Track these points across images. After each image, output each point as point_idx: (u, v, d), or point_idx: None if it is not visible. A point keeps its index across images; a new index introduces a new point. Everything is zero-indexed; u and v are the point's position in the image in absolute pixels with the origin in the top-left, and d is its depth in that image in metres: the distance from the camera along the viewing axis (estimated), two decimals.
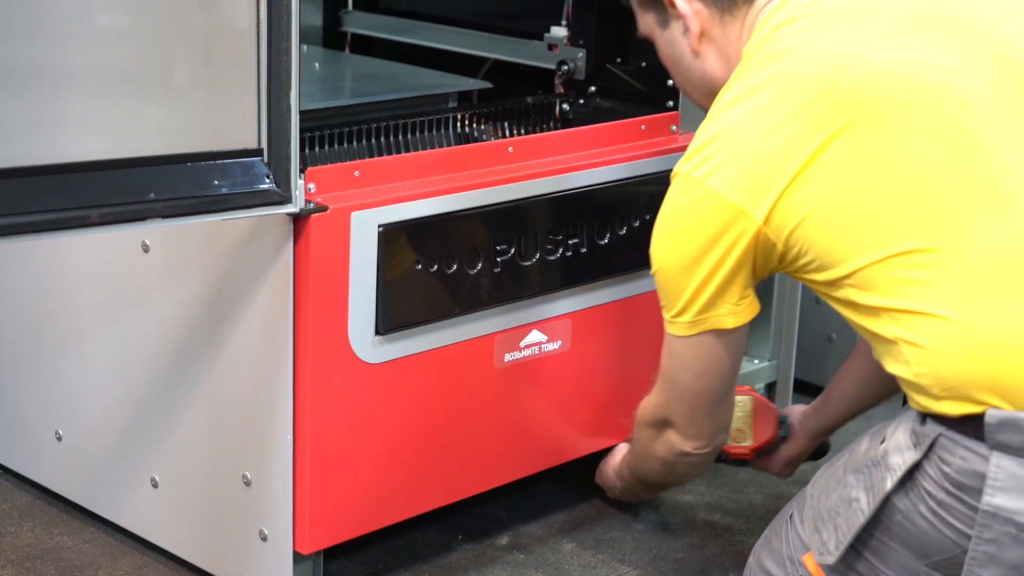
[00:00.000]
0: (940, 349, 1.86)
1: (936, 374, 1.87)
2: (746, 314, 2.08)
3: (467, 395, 2.42)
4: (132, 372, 2.43)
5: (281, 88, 2.00)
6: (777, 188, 1.94)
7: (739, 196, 1.97)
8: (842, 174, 1.92)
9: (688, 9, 2.14)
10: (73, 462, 2.59)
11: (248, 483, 2.30)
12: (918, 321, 1.88)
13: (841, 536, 1.97)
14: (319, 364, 2.20)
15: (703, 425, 2.23)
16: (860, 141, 1.92)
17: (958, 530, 1.88)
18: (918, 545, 1.92)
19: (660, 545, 2.59)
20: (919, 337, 1.88)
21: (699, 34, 2.15)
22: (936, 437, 1.88)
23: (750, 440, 2.48)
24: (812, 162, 1.93)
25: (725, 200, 1.98)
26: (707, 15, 2.14)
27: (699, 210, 2.01)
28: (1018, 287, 1.86)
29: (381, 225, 2.22)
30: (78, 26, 1.92)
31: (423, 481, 2.41)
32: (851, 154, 1.92)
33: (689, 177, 2.02)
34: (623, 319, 2.61)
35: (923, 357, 1.88)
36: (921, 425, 1.91)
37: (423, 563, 2.52)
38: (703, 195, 2.00)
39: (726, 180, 1.98)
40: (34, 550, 2.52)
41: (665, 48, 2.23)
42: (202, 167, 1.99)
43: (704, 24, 2.14)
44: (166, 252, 2.34)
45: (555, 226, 2.45)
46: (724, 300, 2.05)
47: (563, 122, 2.78)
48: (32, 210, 1.86)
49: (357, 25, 3.31)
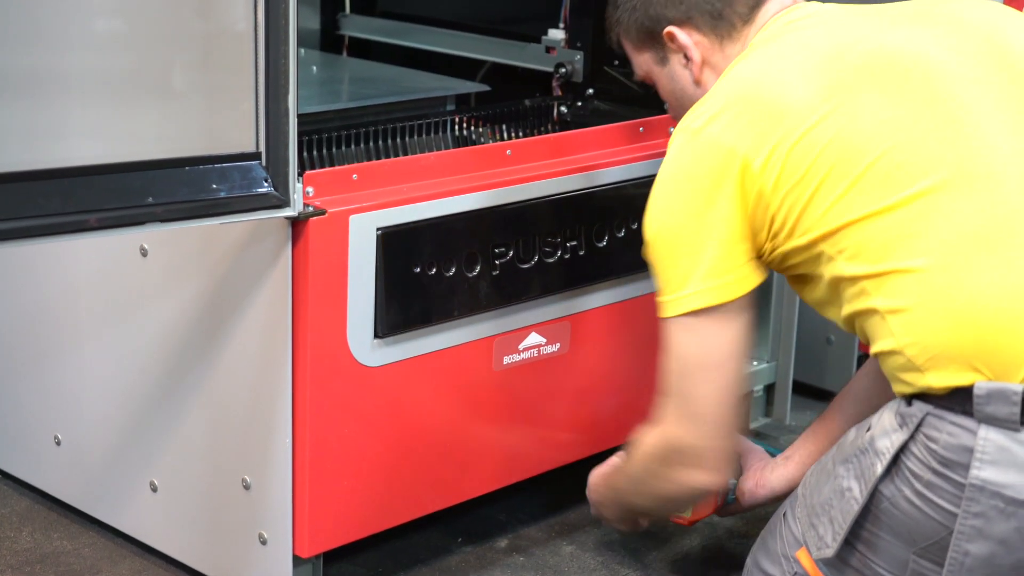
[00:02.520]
0: (922, 308, 1.88)
1: (921, 340, 1.88)
2: (750, 280, 2.03)
3: (466, 398, 2.43)
4: (131, 376, 2.43)
5: (279, 92, 2.00)
6: (783, 140, 1.96)
7: (740, 143, 1.97)
8: (844, 135, 1.94)
9: (688, 40, 2.17)
10: (72, 466, 2.59)
11: (248, 487, 2.30)
12: (899, 281, 1.90)
13: (837, 528, 1.97)
14: (318, 368, 2.20)
15: (719, 448, 2.10)
16: (863, 104, 1.96)
17: (944, 510, 1.88)
18: (905, 532, 1.93)
19: (659, 548, 2.59)
20: (901, 299, 1.89)
21: (700, 63, 2.18)
22: (923, 416, 1.89)
23: (690, 513, 2.43)
24: (821, 123, 1.95)
25: (724, 146, 1.98)
26: (707, 44, 2.17)
27: (697, 159, 2.00)
28: (998, 253, 1.88)
29: (379, 228, 2.22)
30: (77, 31, 1.92)
31: (423, 484, 2.41)
32: (854, 115, 1.95)
33: (687, 130, 2.03)
34: (621, 321, 2.61)
35: (906, 322, 1.89)
36: (907, 407, 1.92)
37: (423, 566, 2.52)
38: (702, 143, 2.00)
39: (727, 127, 1.99)
40: (33, 555, 2.52)
41: (667, 84, 2.25)
42: (200, 171, 1.99)
43: (704, 53, 2.17)
44: (165, 256, 2.34)
45: (553, 229, 2.45)
46: (727, 261, 2.01)
47: (561, 125, 2.79)
48: (31, 214, 1.86)
49: (354, 29, 3.31)
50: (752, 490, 2.41)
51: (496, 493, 2.57)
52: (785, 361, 3.02)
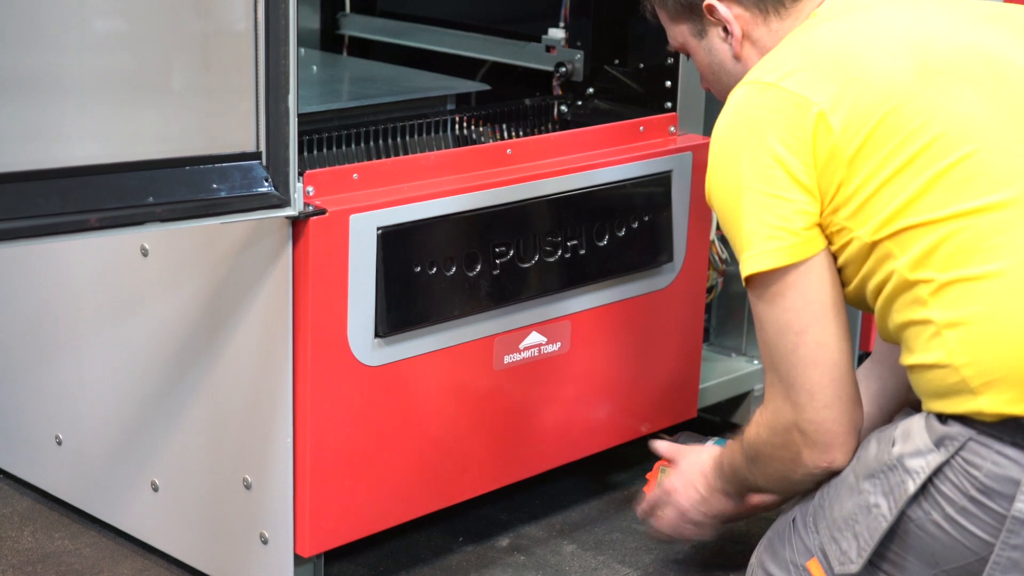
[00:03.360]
0: (987, 324, 1.81)
1: (980, 360, 1.82)
2: (816, 242, 1.91)
3: (467, 397, 2.43)
4: (132, 376, 2.43)
5: (279, 91, 2.00)
6: (871, 108, 1.88)
7: (820, 97, 1.89)
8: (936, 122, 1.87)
9: (729, 13, 2.09)
10: (73, 466, 2.59)
11: (248, 486, 2.30)
12: (965, 292, 1.83)
13: (863, 544, 1.93)
14: (319, 367, 2.20)
15: (835, 420, 1.94)
16: (957, 97, 1.89)
17: (977, 537, 1.85)
18: (930, 554, 1.90)
19: (661, 547, 2.59)
20: (963, 311, 1.83)
21: (741, 37, 2.10)
22: (965, 441, 1.84)
23: None
24: (912, 102, 1.88)
25: (801, 96, 1.90)
26: (748, 18, 2.09)
27: (769, 107, 1.92)
28: None
29: (380, 228, 2.22)
30: (76, 31, 1.92)
31: (424, 483, 2.41)
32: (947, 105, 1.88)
33: (756, 83, 1.95)
34: (622, 320, 2.61)
35: (967, 338, 1.83)
36: (943, 425, 1.87)
37: (424, 565, 2.52)
38: (776, 93, 1.92)
39: (806, 82, 1.91)
40: (35, 554, 2.52)
41: (704, 57, 2.16)
42: (201, 171, 1.99)
43: (745, 27, 2.09)
44: (165, 256, 2.34)
45: (554, 228, 2.45)
46: (795, 219, 1.90)
47: (561, 124, 2.79)
48: (31, 215, 1.86)
49: (355, 28, 3.31)
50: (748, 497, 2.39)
51: (497, 492, 2.57)
52: None
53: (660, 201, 2.58)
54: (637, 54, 2.76)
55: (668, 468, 2.37)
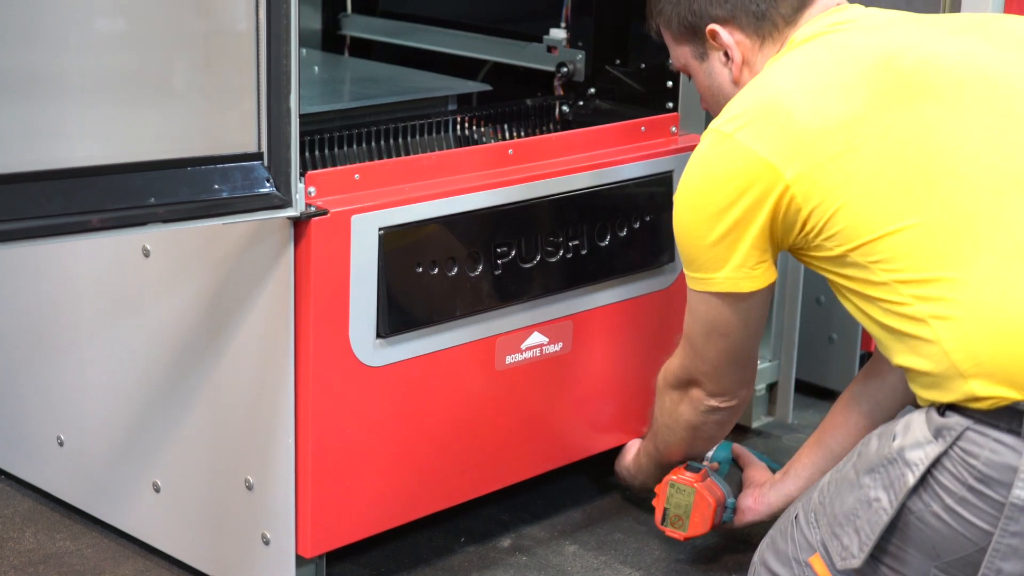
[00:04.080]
0: (973, 313, 1.85)
1: (969, 346, 1.85)
2: (762, 279, 2.09)
3: (469, 397, 2.43)
4: (134, 377, 2.43)
5: (281, 92, 2.00)
6: (820, 151, 1.95)
7: (771, 153, 1.97)
8: (894, 146, 1.93)
9: (730, 40, 2.16)
10: (75, 467, 2.59)
11: (250, 487, 2.30)
12: (951, 287, 1.87)
13: (864, 538, 1.95)
14: (320, 367, 2.20)
15: (728, 380, 2.27)
16: (916, 114, 1.95)
17: (976, 527, 1.87)
18: (930, 547, 1.91)
19: (662, 547, 2.59)
20: (950, 307, 1.87)
21: (740, 63, 2.17)
22: (963, 431, 1.87)
23: (686, 529, 2.44)
24: (865, 132, 1.94)
25: (755, 155, 1.99)
26: (748, 44, 2.16)
27: (727, 163, 2.02)
28: None
29: (382, 228, 2.22)
30: (77, 32, 1.92)
31: (425, 484, 2.41)
32: (905, 126, 1.94)
33: (719, 132, 2.04)
34: (624, 321, 2.61)
35: (954, 329, 1.86)
36: (941, 417, 1.89)
37: (426, 566, 2.52)
38: (732, 149, 2.01)
39: (759, 136, 1.99)
40: (36, 555, 2.52)
41: (704, 80, 2.24)
42: (202, 171, 1.99)
43: (745, 53, 2.17)
44: (167, 256, 2.34)
45: (555, 228, 2.45)
46: (742, 261, 2.06)
47: (563, 124, 2.79)
48: (33, 215, 1.86)
49: (356, 28, 3.31)
50: (751, 507, 2.43)
51: (499, 492, 2.57)
52: (787, 360, 3.02)
53: (662, 201, 2.58)
54: (638, 54, 2.76)
55: (677, 482, 2.42)
